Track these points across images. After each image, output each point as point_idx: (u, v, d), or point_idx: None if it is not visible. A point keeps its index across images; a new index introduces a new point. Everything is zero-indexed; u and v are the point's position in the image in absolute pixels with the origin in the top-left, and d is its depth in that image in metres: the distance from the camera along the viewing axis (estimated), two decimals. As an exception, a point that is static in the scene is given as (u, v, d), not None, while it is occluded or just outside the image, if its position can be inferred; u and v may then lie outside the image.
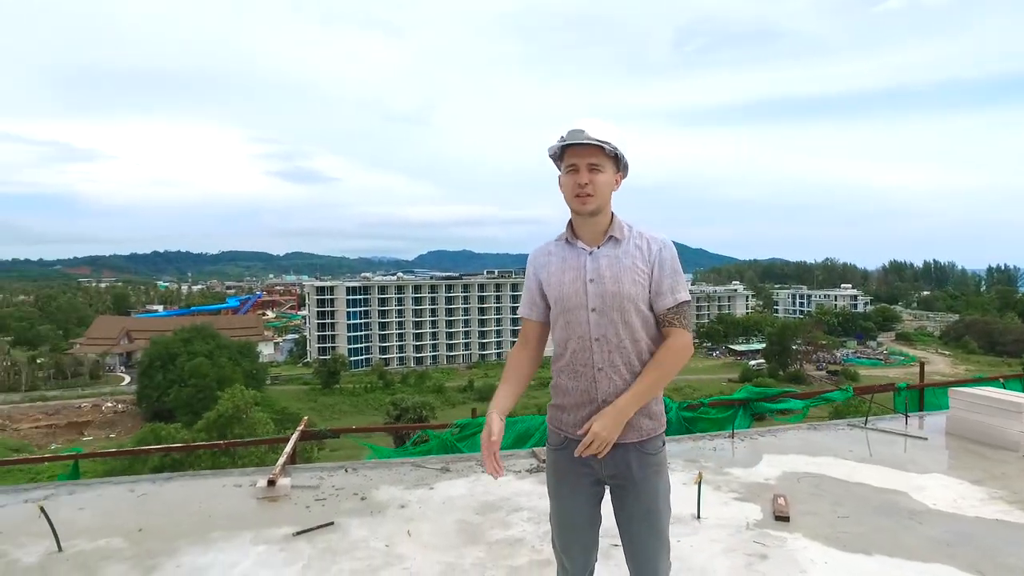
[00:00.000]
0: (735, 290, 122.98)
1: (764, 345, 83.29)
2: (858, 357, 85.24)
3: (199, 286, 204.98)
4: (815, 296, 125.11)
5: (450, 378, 76.25)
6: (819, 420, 7.00)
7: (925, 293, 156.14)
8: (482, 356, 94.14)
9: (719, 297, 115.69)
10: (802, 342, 80.00)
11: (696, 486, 3.78)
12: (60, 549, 3.36)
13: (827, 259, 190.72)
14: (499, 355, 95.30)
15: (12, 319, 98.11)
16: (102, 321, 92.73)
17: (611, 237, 2.09)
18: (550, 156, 2.09)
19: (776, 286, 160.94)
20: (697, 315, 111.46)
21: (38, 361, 70.20)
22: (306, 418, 5.95)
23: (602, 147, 1.97)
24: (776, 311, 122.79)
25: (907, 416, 6.13)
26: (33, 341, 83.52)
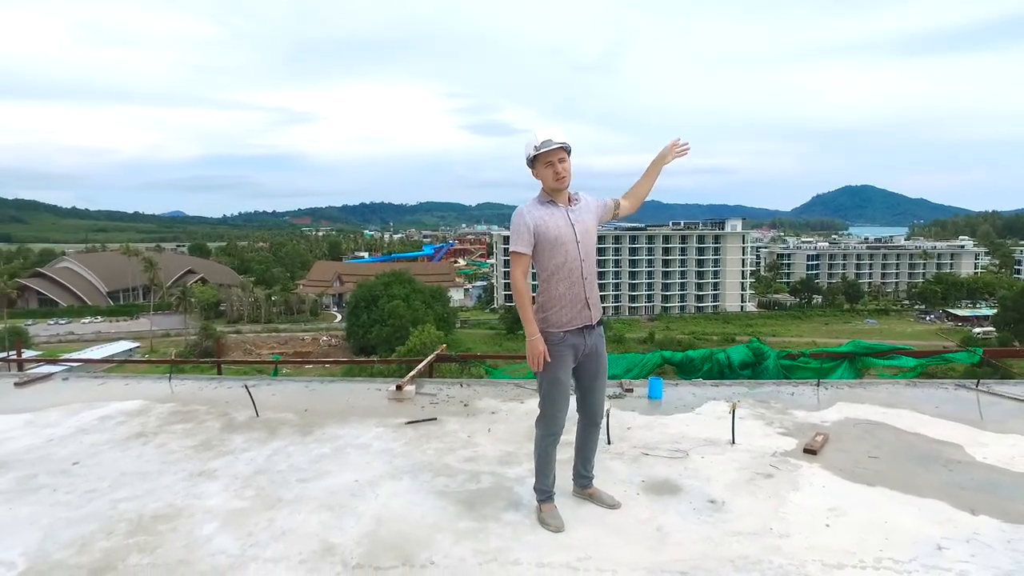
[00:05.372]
0: (961, 247, 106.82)
1: (995, 311, 72.23)
2: None
3: (399, 235, 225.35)
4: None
5: (631, 329, 76.03)
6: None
7: None
8: (664, 308, 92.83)
9: (939, 254, 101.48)
10: (1048, 309, 68.02)
11: (730, 414, 4.32)
12: (258, 415, 4.92)
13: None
14: (682, 308, 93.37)
15: (254, 262, 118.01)
16: (319, 266, 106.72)
17: (574, 199, 3.20)
18: (527, 162, 3.11)
19: (1021, 242, 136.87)
20: (909, 274, 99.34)
21: (272, 298, 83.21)
22: (444, 345, 7.23)
23: (564, 147, 3.09)
24: (1018, 271, 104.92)
25: (1035, 382, 5.83)
26: (268, 281, 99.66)
